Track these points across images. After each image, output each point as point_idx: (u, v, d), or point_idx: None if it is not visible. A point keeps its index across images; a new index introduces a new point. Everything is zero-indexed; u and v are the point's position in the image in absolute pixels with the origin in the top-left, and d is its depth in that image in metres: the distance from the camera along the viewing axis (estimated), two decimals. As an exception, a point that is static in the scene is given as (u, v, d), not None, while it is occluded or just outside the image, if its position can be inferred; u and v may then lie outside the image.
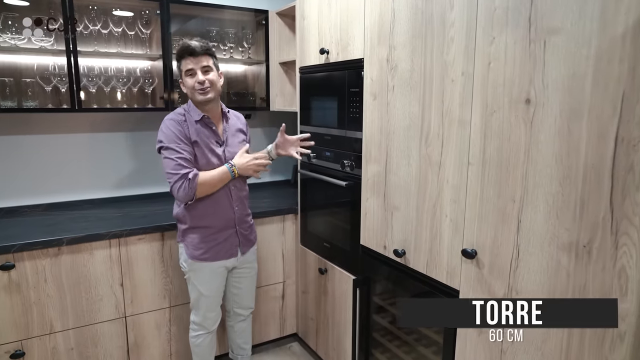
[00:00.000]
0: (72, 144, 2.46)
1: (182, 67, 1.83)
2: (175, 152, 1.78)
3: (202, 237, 1.91)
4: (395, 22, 1.65)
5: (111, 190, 2.59)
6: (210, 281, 1.97)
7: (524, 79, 1.21)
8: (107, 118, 2.53)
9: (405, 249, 1.71)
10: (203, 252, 1.92)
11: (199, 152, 1.84)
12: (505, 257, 1.31)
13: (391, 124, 1.71)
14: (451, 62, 1.43)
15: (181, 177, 1.76)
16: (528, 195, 1.23)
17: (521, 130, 1.23)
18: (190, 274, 1.96)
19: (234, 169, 1.88)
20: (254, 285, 2.19)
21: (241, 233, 2.01)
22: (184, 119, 1.85)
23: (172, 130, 1.80)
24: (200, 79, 1.80)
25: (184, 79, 1.84)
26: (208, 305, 2.00)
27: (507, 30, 1.24)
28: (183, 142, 1.80)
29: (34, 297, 1.92)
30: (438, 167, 1.52)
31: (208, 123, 1.88)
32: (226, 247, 1.96)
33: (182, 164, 1.77)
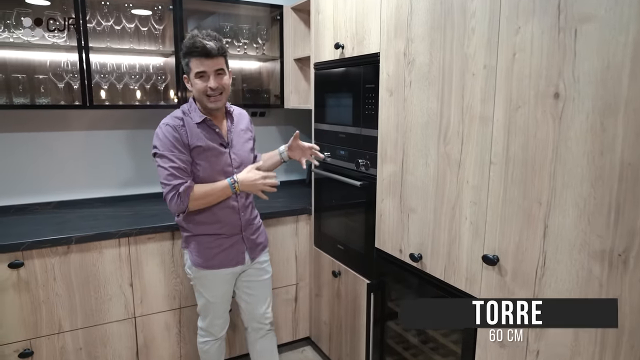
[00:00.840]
0: (84, 141, 2.44)
1: (192, 67, 1.65)
2: (168, 161, 1.64)
3: (205, 244, 1.80)
4: (412, 13, 1.56)
5: (122, 189, 2.57)
6: (217, 288, 1.87)
7: (552, 72, 1.11)
8: (119, 115, 2.51)
9: (422, 253, 1.62)
10: (207, 260, 1.80)
11: (201, 158, 1.71)
12: (530, 264, 1.22)
13: (408, 121, 1.63)
14: (472, 55, 1.34)
15: (172, 189, 1.64)
16: (556, 198, 1.13)
17: (549, 126, 1.13)
18: (195, 281, 1.87)
19: (236, 186, 1.72)
20: (268, 290, 1.99)
21: (248, 238, 1.87)
22: (182, 123, 1.70)
23: (167, 136, 1.66)
24: (213, 85, 1.65)
25: (193, 80, 1.68)
26: (215, 311, 1.91)
27: (534, 19, 1.15)
28: (178, 149, 1.66)
29: (42, 295, 1.89)
30: (457, 166, 1.43)
31: (211, 125, 1.74)
32: (232, 254, 1.83)
33: (175, 173, 1.64)
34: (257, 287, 1.95)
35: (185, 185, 1.65)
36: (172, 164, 1.65)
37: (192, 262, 1.83)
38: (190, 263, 1.84)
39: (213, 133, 1.75)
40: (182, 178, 1.65)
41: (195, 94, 1.72)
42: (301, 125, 3.06)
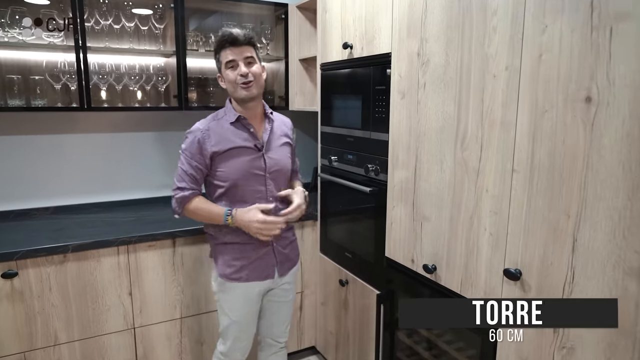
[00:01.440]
0: (82, 145, 2.36)
1: (222, 59, 1.61)
2: (182, 163, 1.65)
3: (234, 254, 1.69)
4: (427, 11, 1.48)
5: (122, 193, 2.49)
6: (242, 306, 1.73)
7: (583, 74, 1.03)
8: (118, 117, 2.42)
9: (436, 264, 1.54)
10: (235, 270, 1.68)
11: (230, 159, 1.62)
12: (556, 279, 1.13)
13: (422, 125, 1.54)
14: (493, 55, 1.26)
15: (176, 189, 1.66)
16: (587, 209, 1.05)
17: (579, 132, 1.05)
18: (220, 295, 1.73)
19: (229, 219, 1.61)
20: (290, 311, 1.91)
21: (279, 251, 1.74)
22: (207, 128, 1.63)
23: (190, 140, 1.64)
24: (243, 70, 1.58)
25: (224, 72, 1.61)
26: (237, 333, 1.74)
27: (563, 17, 1.07)
28: (194, 156, 1.62)
29: (38, 306, 1.81)
30: (476, 173, 1.35)
31: (245, 124, 1.65)
32: (261, 266, 1.71)
33: (183, 177, 1.65)
34: (281, 308, 1.86)
35: (183, 194, 1.65)
36: (184, 167, 1.65)
37: (219, 272, 1.71)
38: (217, 274, 1.72)
39: (247, 133, 1.66)
40: (186, 184, 1.65)
41: (228, 88, 1.65)
42: (306, 128, 2.98)
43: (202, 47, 2.40)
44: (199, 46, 2.40)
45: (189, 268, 2.09)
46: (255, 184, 1.66)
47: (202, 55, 2.42)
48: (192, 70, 2.41)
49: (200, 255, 2.11)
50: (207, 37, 2.40)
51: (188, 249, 2.07)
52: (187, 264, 2.08)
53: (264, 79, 1.69)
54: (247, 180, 1.65)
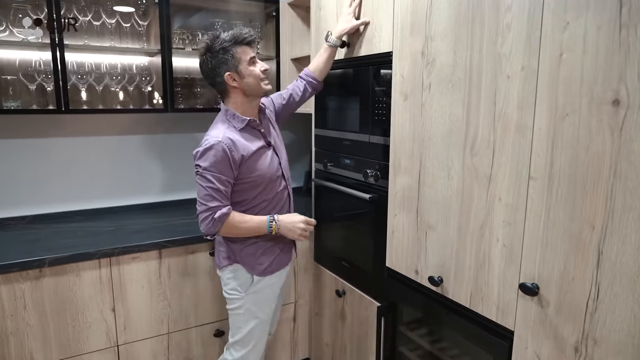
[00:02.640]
0: (60, 149, 2.21)
1: (241, 56, 1.54)
2: (208, 182, 1.51)
3: (264, 249, 1.69)
4: (433, 7, 1.39)
5: (103, 200, 2.35)
6: (272, 302, 1.77)
7: (611, 75, 0.95)
8: (99, 120, 2.28)
9: (442, 276, 1.45)
10: (267, 265, 1.70)
11: (256, 162, 1.60)
12: (579, 296, 1.05)
13: (426, 129, 1.46)
14: (507, 55, 1.17)
15: (208, 210, 1.53)
16: (614, 221, 0.97)
17: (605, 138, 0.97)
18: (248, 297, 1.69)
19: (273, 226, 1.62)
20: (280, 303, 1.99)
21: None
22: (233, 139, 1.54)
23: (217, 157, 1.51)
24: (266, 66, 1.61)
25: (245, 69, 1.55)
26: (262, 333, 1.77)
27: (588, 13, 0.99)
28: (224, 172, 1.52)
29: (11, 326, 1.67)
30: (487, 181, 1.26)
31: (255, 126, 1.63)
32: (285, 251, 1.77)
33: (214, 195, 1.52)
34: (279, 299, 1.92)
35: (222, 212, 1.54)
36: (214, 185, 1.52)
37: (254, 272, 1.68)
38: (246, 277, 1.68)
39: (258, 134, 1.65)
40: (220, 201, 1.53)
41: (249, 85, 1.58)
42: (298, 131, 2.88)
43: (188, 46, 2.28)
44: (185, 45, 2.27)
45: (176, 280, 1.97)
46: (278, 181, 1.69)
47: (189, 54, 2.29)
48: (178, 70, 2.28)
49: (188, 266, 1.99)
50: (194, 35, 2.28)
51: (175, 259, 1.95)
52: (174, 276, 1.96)
53: None
54: (271, 182, 1.66)
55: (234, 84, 1.57)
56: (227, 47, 1.53)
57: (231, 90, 1.59)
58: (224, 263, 1.69)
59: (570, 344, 1.08)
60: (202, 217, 1.54)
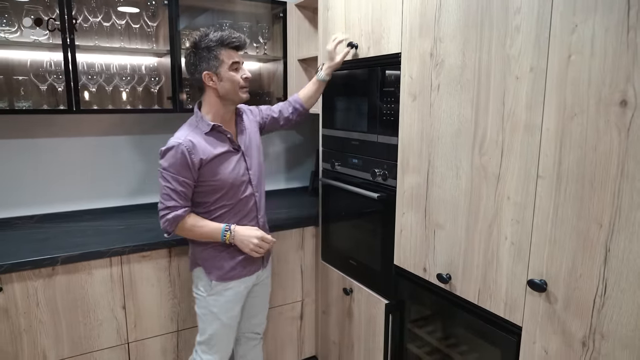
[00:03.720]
0: (70, 149, 2.23)
1: (225, 58, 1.55)
2: (168, 182, 1.55)
3: (226, 253, 1.67)
4: (442, 9, 1.41)
5: (113, 200, 2.37)
6: (234, 306, 1.73)
7: (618, 76, 0.98)
8: (108, 120, 2.31)
9: (451, 274, 1.47)
10: (228, 270, 1.68)
11: (218, 167, 1.60)
12: (586, 292, 1.08)
13: (435, 129, 1.48)
14: (516, 56, 1.20)
15: (165, 209, 1.57)
16: (621, 219, 1.00)
17: (613, 138, 0.99)
18: (209, 299, 1.69)
19: (228, 235, 1.61)
20: (268, 299, 1.97)
21: None
22: (193, 142, 1.55)
23: (175, 158, 1.53)
24: (249, 74, 1.60)
25: (226, 73, 1.56)
26: (228, 337, 1.76)
27: (596, 16, 1.01)
28: (183, 174, 1.54)
29: (24, 323, 1.69)
30: (496, 180, 1.28)
31: (221, 131, 1.62)
32: (250, 261, 1.72)
33: (172, 195, 1.55)
34: (259, 303, 1.92)
35: (176, 213, 1.56)
36: (171, 185, 1.55)
37: (213, 276, 1.67)
38: (208, 280, 1.68)
39: (224, 139, 1.64)
40: (177, 202, 1.56)
41: (225, 89, 1.59)
42: (305, 131, 2.90)
43: (196, 47, 2.30)
44: (193, 45, 2.29)
45: (185, 278, 1.99)
46: (243, 187, 1.67)
47: (196, 54, 2.31)
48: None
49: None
50: (202, 36, 2.30)
51: (184, 258, 1.97)
52: (183, 275, 1.98)
53: None
54: (236, 184, 1.64)
55: (211, 84, 1.58)
56: (211, 47, 1.54)
57: (207, 89, 1.61)
58: (192, 266, 1.74)
59: (577, 338, 1.10)
60: (160, 214, 1.58)
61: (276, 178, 2.87)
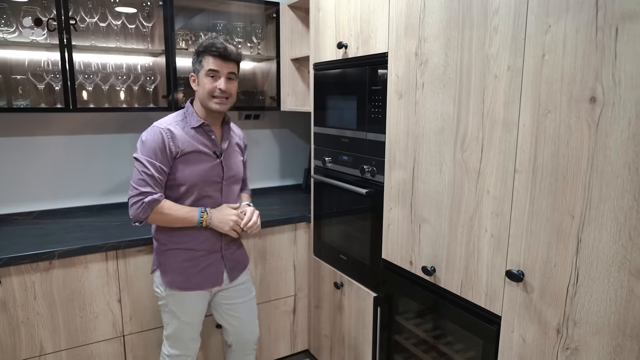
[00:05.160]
0: (67, 147, 2.28)
1: (205, 64, 1.59)
2: (143, 166, 1.56)
3: (181, 262, 1.66)
4: (425, 10, 1.46)
5: (109, 197, 2.42)
6: (193, 307, 1.71)
7: (588, 74, 1.03)
8: (105, 118, 2.35)
9: (435, 266, 1.52)
10: (182, 280, 1.66)
11: (189, 163, 1.61)
12: (560, 281, 1.13)
13: (420, 126, 1.53)
14: (494, 56, 1.25)
15: (139, 194, 1.56)
16: (591, 210, 1.04)
17: (584, 133, 1.04)
18: (168, 299, 1.68)
19: (204, 217, 1.61)
20: (254, 310, 1.90)
21: (228, 257, 1.74)
22: (171, 129, 1.59)
23: (150, 142, 1.57)
24: (223, 86, 1.59)
25: (202, 78, 1.60)
26: (192, 333, 1.75)
27: (567, 17, 1.06)
28: (158, 158, 1.56)
29: (22, 316, 1.74)
30: (477, 175, 1.33)
31: (207, 131, 1.66)
32: (210, 273, 1.70)
33: (147, 180, 1.56)
34: (242, 309, 1.85)
35: (153, 197, 1.56)
36: (148, 171, 1.56)
37: (165, 282, 1.67)
38: (161, 282, 1.68)
39: (208, 139, 1.67)
40: (152, 187, 1.57)
41: (200, 94, 1.63)
42: (297, 129, 2.95)
43: (191, 46, 2.35)
44: (188, 45, 2.34)
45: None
46: (211, 191, 1.67)
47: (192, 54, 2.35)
48: (181, 70, 2.35)
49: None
50: (197, 36, 2.35)
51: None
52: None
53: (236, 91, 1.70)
54: (204, 186, 1.65)
55: (193, 85, 1.66)
56: (200, 51, 1.61)
57: (194, 89, 1.67)
58: (153, 267, 1.74)
59: (552, 326, 1.15)
60: (132, 201, 1.57)
61: (270, 175, 2.92)
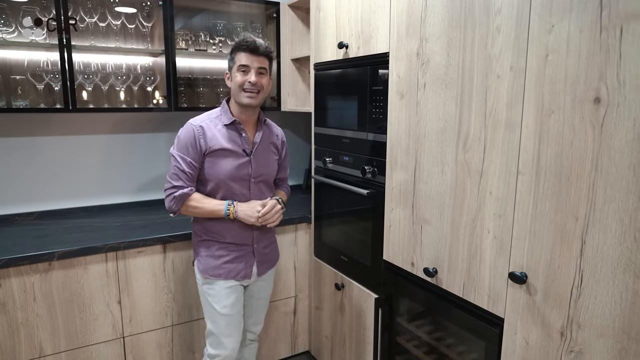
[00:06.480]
0: (67, 147, 2.27)
1: (237, 60, 1.65)
2: (176, 162, 1.65)
3: (214, 251, 1.73)
4: (427, 10, 1.45)
5: (109, 197, 2.41)
6: (227, 297, 1.74)
7: (592, 75, 1.01)
8: (104, 119, 2.34)
9: (437, 268, 1.51)
10: (214, 267, 1.72)
11: (219, 159, 1.66)
12: (564, 283, 1.12)
13: (421, 127, 1.52)
14: (497, 56, 1.23)
15: (172, 188, 1.66)
16: (596, 212, 1.03)
17: (588, 134, 1.03)
18: (204, 288, 1.75)
19: (231, 209, 1.66)
20: (266, 306, 1.95)
21: (259, 252, 1.79)
22: (203, 125, 1.66)
23: (184, 137, 1.66)
24: (253, 79, 1.63)
25: (234, 74, 1.66)
26: (227, 329, 1.74)
27: (571, 17, 1.05)
28: (189, 153, 1.64)
29: (21, 317, 1.73)
30: (479, 175, 1.32)
31: (239, 129, 1.70)
32: (240, 266, 1.75)
33: (179, 175, 1.65)
34: (258, 303, 1.91)
35: (183, 191, 1.65)
36: (180, 166, 1.64)
37: (200, 269, 1.74)
38: (198, 270, 1.75)
39: (239, 137, 1.70)
40: (184, 182, 1.65)
41: (232, 89, 1.68)
42: (298, 129, 2.94)
43: (191, 47, 2.34)
44: (188, 45, 2.33)
45: (180, 274, 2.03)
46: (239, 188, 1.71)
47: (191, 54, 2.36)
48: (181, 70, 2.35)
49: (192, 260, 2.05)
50: (197, 36, 2.34)
51: (179, 254, 2.01)
52: (178, 270, 2.02)
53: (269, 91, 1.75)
54: (231, 183, 1.69)
55: (227, 82, 1.72)
56: (233, 49, 1.67)
57: (228, 86, 1.72)
58: (193, 258, 1.81)
59: (556, 329, 1.14)
60: (166, 194, 1.67)
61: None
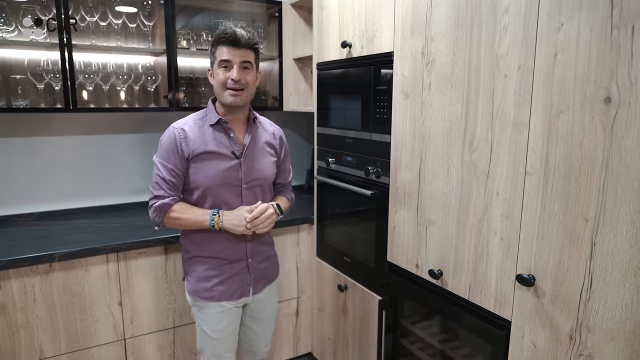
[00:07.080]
0: (67, 147, 2.25)
1: (217, 55, 1.50)
2: (158, 170, 1.54)
3: (204, 270, 1.59)
4: (432, 9, 1.43)
5: (110, 198, 2.39)
6: (218, 322, 1.61)
7: (602, 74, 1.00)
8: (105, 119, 2.33)
9: (442, 270, 1.49)
10: (205, 289, 1.59)
11: (204, 163, 1.53)
12: (573, 286, 1.10)
13: (426, 127, 1.50)
14: (504, 55, 1.22)
15: (153, 198, 1.55)
16: (606, 214, 1.01)
17: (598, 134, 1.01)
18: (194, 309, 1.65)
19: (215, 219, 1.51)
20: (272, 327, 1.83)
21: (254, 267, 1.65)
22: (185, 128, 1.53)
23: (165, 144, 1.54)
24: (235, 76, 1.48)
25: (215, 70, 1.51)
26: (215, 349, 1.64)
27: (581, 15, 1.03)
28: (171, 160, 1.51)
29: (21, 319, 1.71)
30: (485, 176, 1.30)
31: (226, 128, 1.56)
32: (235, 284, 1.61)
33: (160, 184, 1.53)
34: (262, 325, 1.79)
35: (164, 202, 1.53)
36: (161, 174, 1.53)
37: (188, 290, 1.63)
38: (187, 292, 1.65)
39: (226, 138, 1.57)
40: (165, 191, 1.54)
41: (215, 87, 1.55)
42: (300, 129, 2.93)
43: (192, 46, 2.32)
44: (190, 45, 2.31)
45: (181, 275, 2.01)
46: (229, 195, 1.57)
47: (193, 54, 2.34)
48: (183, 69, 2.33)
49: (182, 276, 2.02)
50: (198, 35, 2.32)
51: (180, 255, 1.99)
52: (179, 271, 2.00)
53: (256, 86, 1.61)
54: (220, 189, 1.55)
55: (210, 80, 1.58)
56: (213, 43, 1.53)
57: (212, 84, 1.58)
58: (183, 276, 1.71)
59: (565, 332, 1.12)
60: (149, 204, 1.57)
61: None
